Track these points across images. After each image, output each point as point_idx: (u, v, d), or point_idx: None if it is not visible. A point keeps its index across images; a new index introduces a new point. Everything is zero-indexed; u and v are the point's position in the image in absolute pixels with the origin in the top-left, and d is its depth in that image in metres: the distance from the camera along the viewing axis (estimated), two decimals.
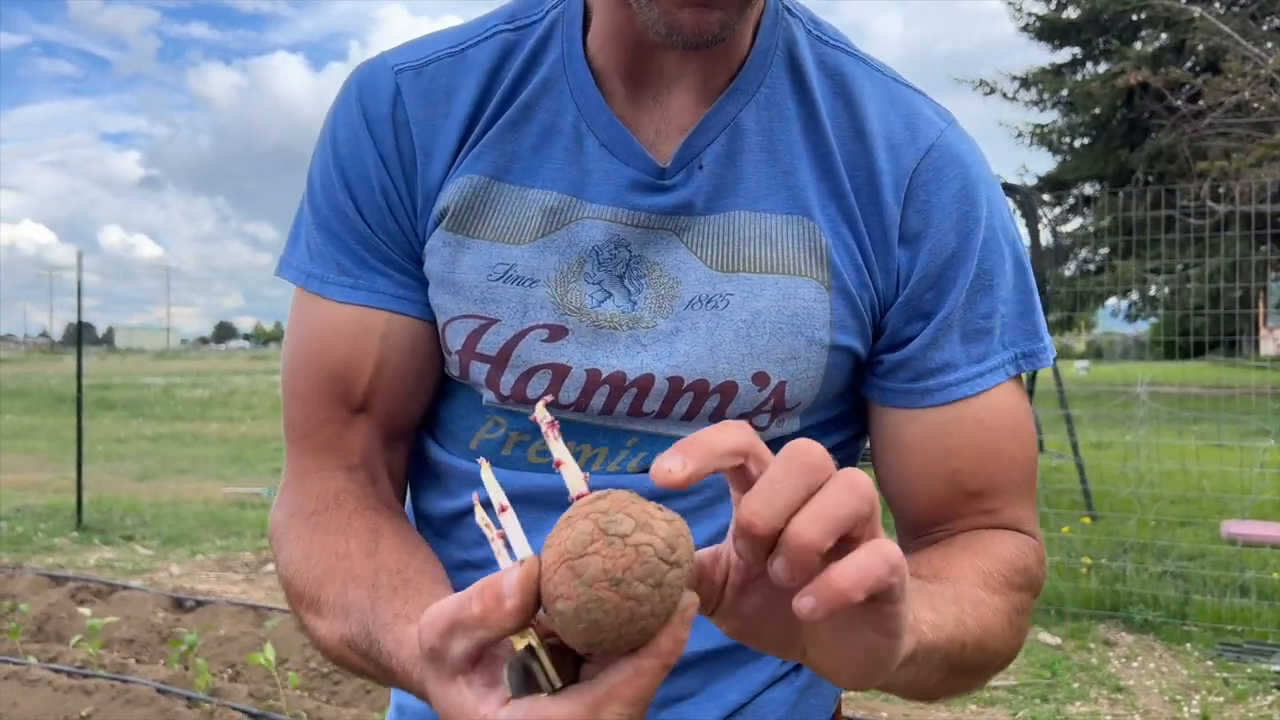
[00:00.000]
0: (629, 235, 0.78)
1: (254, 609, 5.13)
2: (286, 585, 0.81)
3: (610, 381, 0.78)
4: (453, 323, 0.81)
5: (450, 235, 0.80)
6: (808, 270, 0.78)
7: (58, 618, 5.13)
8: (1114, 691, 4.25)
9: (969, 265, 0.80)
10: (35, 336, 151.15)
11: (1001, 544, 0.81)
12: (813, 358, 0.79)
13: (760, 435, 0.79)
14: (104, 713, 3.74)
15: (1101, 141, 17.92)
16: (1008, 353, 0.82)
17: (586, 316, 0.78)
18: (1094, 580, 5.38)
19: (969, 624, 0.70)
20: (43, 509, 8.74)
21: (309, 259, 0.85)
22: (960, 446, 0.82)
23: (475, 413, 0.83)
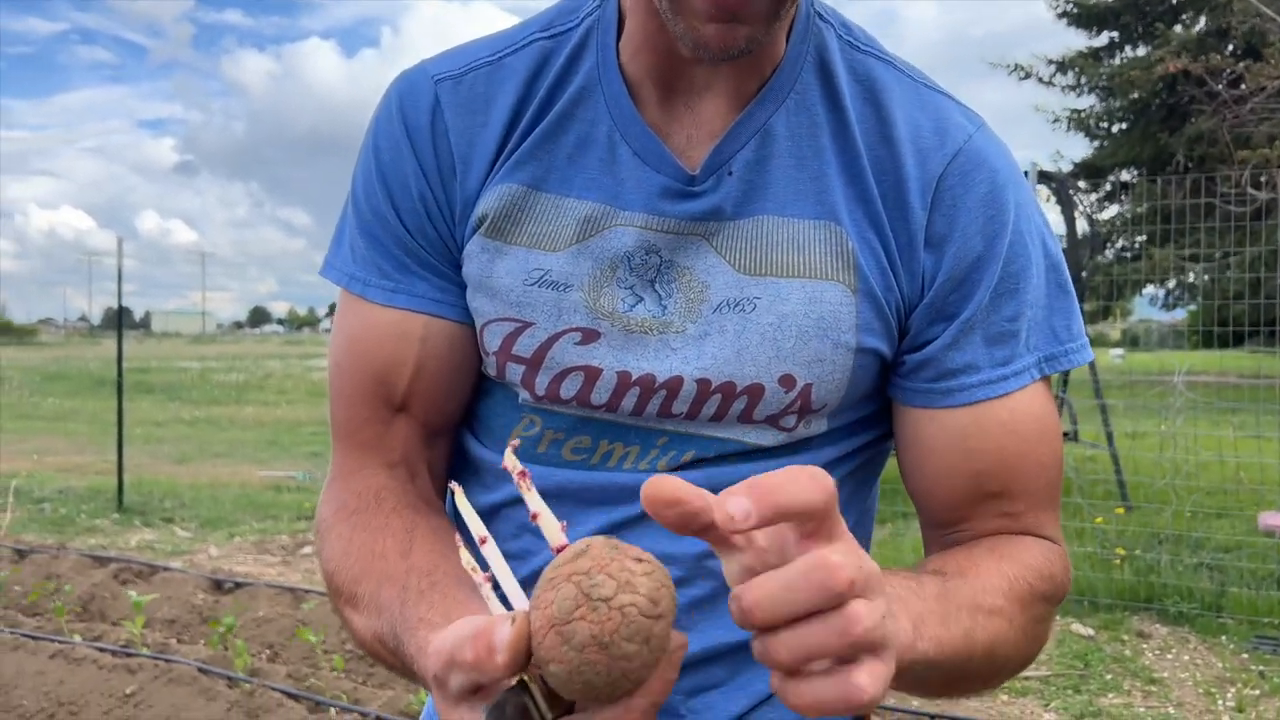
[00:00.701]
0: (660, 241, 0.80)
1: (291, 591, 5.22)
2: (328, 579, 0.85)
3: (640, 384, 0.80)
4: (490, 325, 0.83)
5: (488, 241, 0.83)
6: (834, 274, 0.80)
7: (101, 598, 5.25)
8: (1148, 683, 4.23)
9: (994, 268, 0.80)
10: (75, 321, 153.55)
11: (1028, 551, 0.82)
12: (839, 360, 0.80)
13: (788, 436, 0.81)
14: (147, 691, 3.83)
15: (1140, 126, 17.65)
16: (1033, 356, 0.83)
17: (618, 321, 0.80)
18: (1128, 571, 5.35)
19: (979, 636, 0.72)
20: (84, 491, 8.91)
21: (352, 261, 0.88)
22: (982, 449, 0.82)
23: (512, 411, 0.86)
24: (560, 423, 0.83)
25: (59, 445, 12.45)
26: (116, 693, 3.84)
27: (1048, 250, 0.85)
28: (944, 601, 0.69)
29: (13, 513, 7.96)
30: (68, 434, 13.77)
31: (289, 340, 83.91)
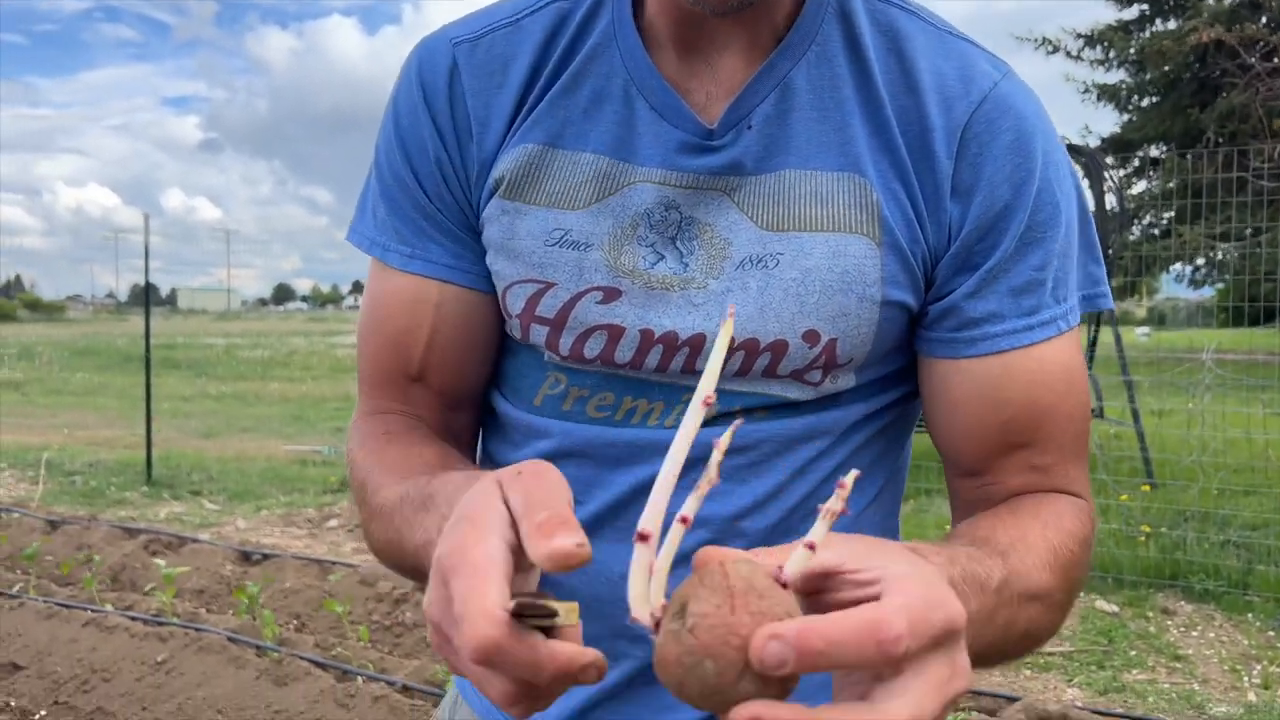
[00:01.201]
0: (679, 197, 0.80)
1: (318, 563, 5.28)
2: (355, 466, 0.86)
3: (663, 341, 0.80)
4: (512, 288, 0.83)
5: (507, 203, 0.82)
6: (858, 227, 0.78)
7: (132, 568, 5.33)
8: (1172, 660, 4.22)
9: (1020, 217, 0.79)
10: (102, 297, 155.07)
11: (1067, 514, 0.80)
12: (864, 314, 0.79)
13: (815, 391, 0.80)
14: (177, 659, 3.90)
15: (1170, 100, 17.36)
16: (1061, 307, 0.81)
17: (639, 278, 0.80)
18: (1153, 548, 5.32)
19: (1019, 626, 0.70)
20: (114, 464, 9.04)
21: (374, 226, 0.89)
22: (1009, 400, 0.81)
23: (537, 370, 0.86)
24: (585, 380, 0.83)
25: (88, 419, 12.61)
26: (148, 660, 3.91)
27: (1074, 200, 0.83)
28: (998, 596, 0.68)
29: (44, 485, 8.09)
30: (97, 408, 13.95)
31: (313, 317, 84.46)
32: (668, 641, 0.47)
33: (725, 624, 0.46)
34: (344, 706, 3.45)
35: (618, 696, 0.84)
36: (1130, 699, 3.81)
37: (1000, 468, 0.83)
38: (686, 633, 0.46)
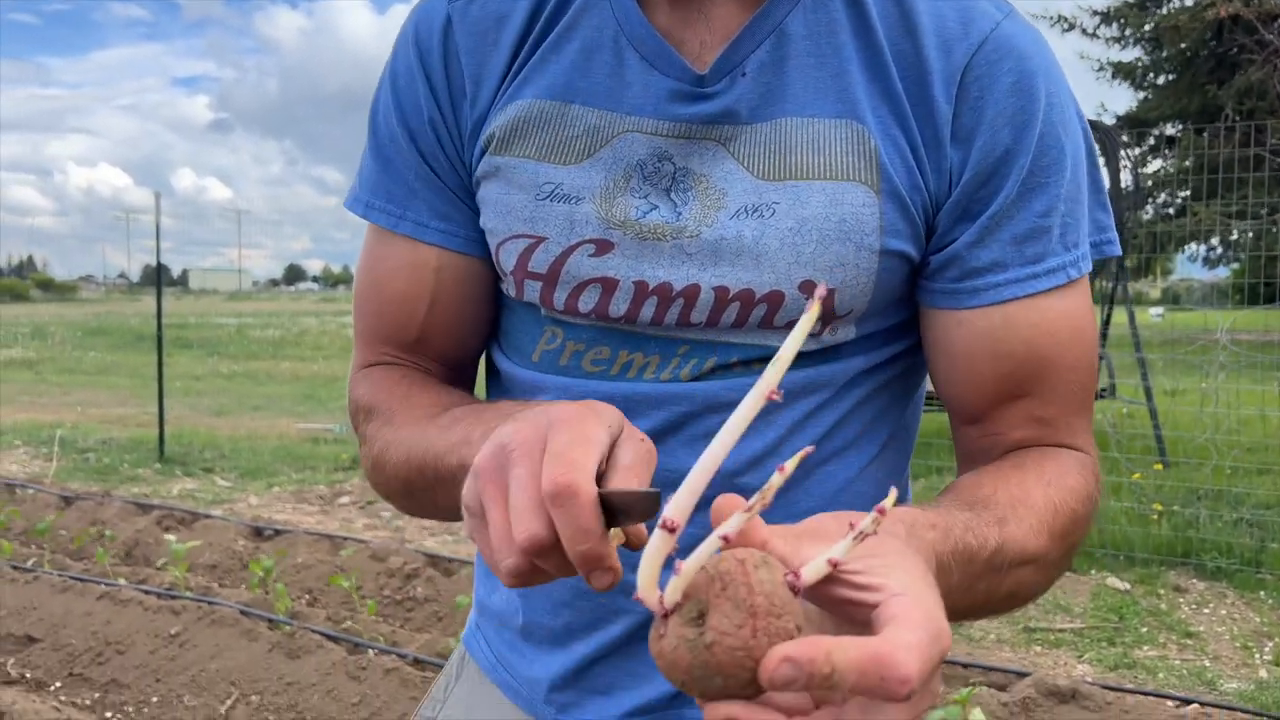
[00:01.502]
0: (671, 147, 0.78)
1: (330, 538, 5.30)
2: (368, 410, 0.87)
3: (658, 293, 0.78)
4: (505, 244, 0.82)
5: (498, 159, 0.82)
6: (856, 174, 0.76)
7: (145, 543, 5.37)
8: (1183, 637, 4.21)
9: (1022, 161, 0.76)
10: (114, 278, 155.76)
11: (1071, 472, 0.79)
12: (862, 264, 0.77)
13: (814, 343, 0.79)
14: (191, 632, 3.92)
15: (1187, 77, 17.19)
16: (1069, 255, 0.79)
17: (631, 229, 0.78)
18: (1165, 527, 5.30)
19: (1005, 586, 0.70)
20: (126, 441, 9.08)
21: (364, 187, 0.89)
22: (1011, 351, 0.79)
23: (534, 326, 0.85)
24: (581, 335, 0.82)
25: (101, 398, 12.68)
26: (161, 633, 3.94)
27: (1080, 144, 0.80)
28: (986, 565, 0.67)
29: (58, 461, 8.14)
30: (109, 387, 14.02)
31: (324, 298, 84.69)
32: (680, 645, 0.47)
33: (745, 647, 0.46)
34: (355, 679, 3.47)
35: (619, 651, 0.83)
36: (1141, 675, 3.80)
37: (1002, 419, 0.82)
38: (704, 647, 0.46)
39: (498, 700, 0.91)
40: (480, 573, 0.96)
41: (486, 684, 0.92)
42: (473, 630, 0.97)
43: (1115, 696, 3.24)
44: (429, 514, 0.84)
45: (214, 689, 3.57)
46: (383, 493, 0.86)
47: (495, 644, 0.92)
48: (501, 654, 0.91)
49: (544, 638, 0.87)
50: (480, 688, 0.93)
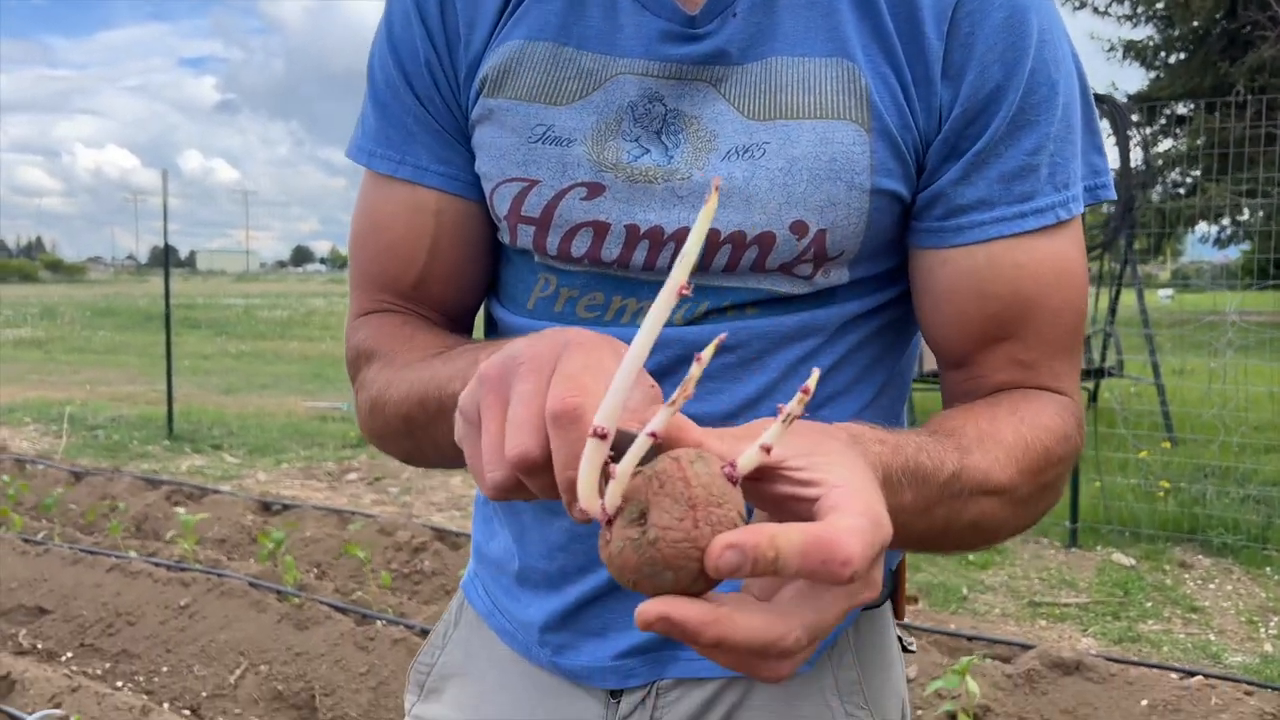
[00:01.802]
0: (662, 88, 0.78)
1: (338, 513, 5.33)
2: (368, 355, 0.87)
3: (649, 236, 0.78)
4: (499, 188, 0.82)
5: (491, 101, 0.82)
6: (846, 113, 0.76)
7: (154, 517, 5.40)
8: (1188, 611, 4.21)
9: (1011, 98, 0.75)
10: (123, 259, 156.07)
11: (1047, 411, 0.78)
12: (853, 203, 0.76)
13: (807, 285, 0.78)
14: (200, 603, 3.95)
15: (1199, 56, 17.05)
16: (1059, 195, 0.78)
17: (622, 171, 0.78)
18: (1171, 503, 5.30)
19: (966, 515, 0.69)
20: (136, 419, 9.13)
21: (364, 136, 0.89)
22: (995, 292, 0.78)
23: (529, 274, 0.85)
24: (574, 281, 0.82)
25: (110, 376, 12.73)
26: (171, 605, 3.97)
27: (1073, 83, 0.79)
28: (943, 489, 0.67)
29: (67, 438, 8.19)
30: (118, 366, 14.08)
31: (332, 279, 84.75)
32: (626, 548, 0.48)
33: (689, 538, 0.46)
34: (364, 649, 3.50)
35: (612, 594, 0.84)
36: (1145, 648, 3.82)
37: (984, 361, 0.81)
38: (648, 544, 0.47)
39: (495, 645, 0.92)
40: (479, 519, 0.97)
41: (484, 629, 0.93)
42: (470, 578, 0.97)
43: (1119, 668, 3.25)
44: (428, 456, 0.84)
45: (223, 659, 3.60)
46: (381, 437, 0.85)
47: (492, 590, 0.93)
48: (498, 599, 0.92)
49: (539, 581, 0.87)
50: (478, 633, 0.94)
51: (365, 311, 0.92)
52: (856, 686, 0.87)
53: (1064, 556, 4.97)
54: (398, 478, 6.76)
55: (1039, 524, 3.86)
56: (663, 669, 0.84)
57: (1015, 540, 5.22)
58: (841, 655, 0.87)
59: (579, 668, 0.85)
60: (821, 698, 0.85)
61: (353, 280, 0.93)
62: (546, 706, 0.88)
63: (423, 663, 0.97)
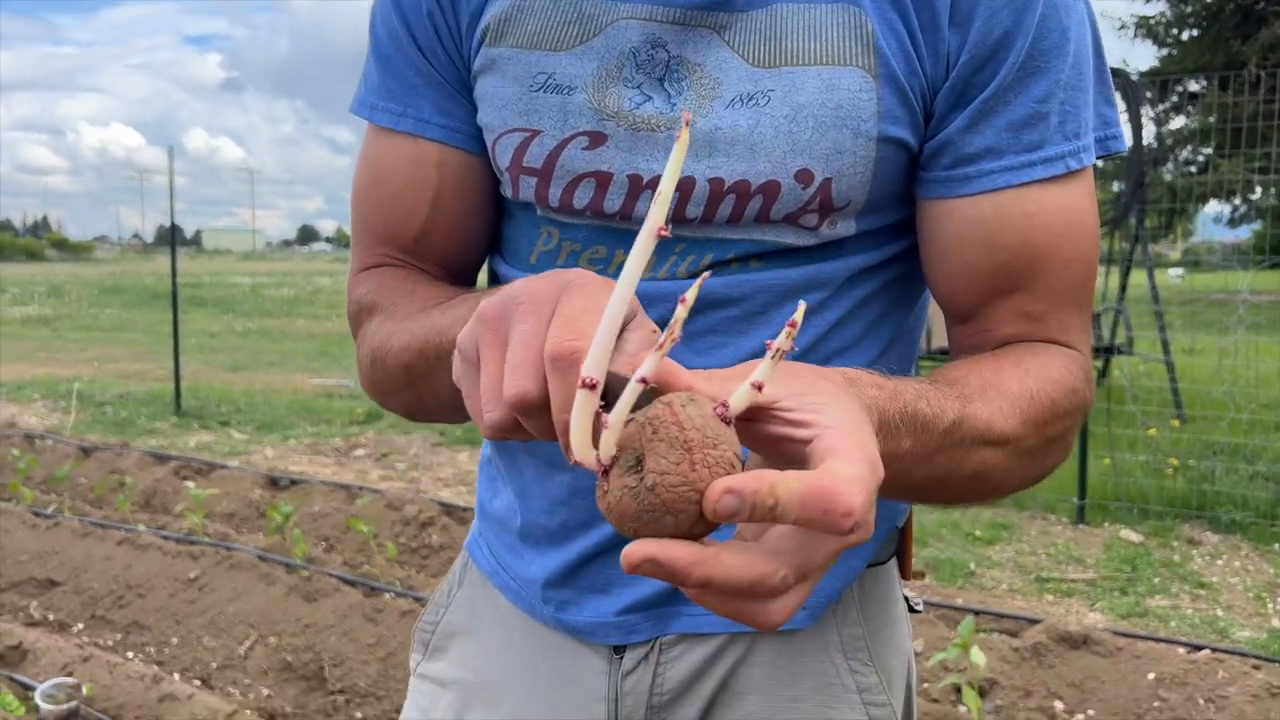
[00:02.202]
0: (666, 34, 0.77)
1: (345, 488, 5.35)
2: (370, 308, 0.86)
3: (652, 186, 0.77)
4: (500, 139, 0.81)
5: (493, 50, 0.81)
6: (852, 59, 0.74)
7: (163, 492, 5.43)
8: (1196, 587, 4.21)
9: (1020, 44, 0.74)
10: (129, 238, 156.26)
11: (1054, 364, 0.76)
12: (860, 151, 0.75)
13: (813, 237, 0.77)
14: (209, 576, 3.97)
15: (1212, 33, 16.87)
16: (1069, 145, 0.76)
17: (625, 120, 0.77)
18: (1180, 480, 5.29)
19: (967, 464, 0.68)
20: (143, 395, 9.16)
21: (370, 91, 0.88)
22: (1004, 243, 0.76)
23: (532, 229, 0.84)
24: (576, 234, 0.81)
25: (118, 353, 12.76)
26: (181, 577, 3.99)
27: (1085, 30, 0.77)
28: (943, 438, 0.65)
29: (76, 414, 8.22)
30: (126, 343, 14.11)
31: (337, 258, 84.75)
32: (625, 496, 0.47)
33: (687, 481, 0.46)
34: (372, 620, 3.52)
35: (615, 549, 0.83)
36: (1152, 623, 3.81)
37: (991, 314, 0.80)
38: (646, 490, 0.46)
39: (498, 603, 0.91)
40: (483, 478, 0.96)
41: (488, 588, 0.93)
42: (475, 537, 0.97)
43: (1126, 642, 3.25)
44: (429, 408, 0.82)
45: (232, 631, 3.62)
46: (382, 390, 0.84)
47: (495, 548, 0.93)
48: (501, 557, 0.92)
49: (541, 537, 0.87)
50: (482, 591, 0.94)
51: (367, 266, 0.91)
52: (861, 643, 0.86)
53: (1071, 533, 4.97)
54: (405, 454, 6.78)
55: (1045, 501, 3.88)
56: (666, 625, 0.83)
57: (1022, 516, 5.23)
58: (846, 611, 0.86)
59: (582, 624, 0.85)
60: (825, 654, 0.85)
61: (355, 235, 0.92)
62: (550, 663, 0.87)
63: (427, 621, 0.97)
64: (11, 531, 4.54)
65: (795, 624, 0.83)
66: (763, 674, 0.84)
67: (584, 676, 0.86)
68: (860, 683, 0.85)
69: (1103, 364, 7.54)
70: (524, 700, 0.88)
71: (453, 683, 0.93)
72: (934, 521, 5.11)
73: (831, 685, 0.85)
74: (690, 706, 0.84)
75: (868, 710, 0.85)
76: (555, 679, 0.87)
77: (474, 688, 0.92)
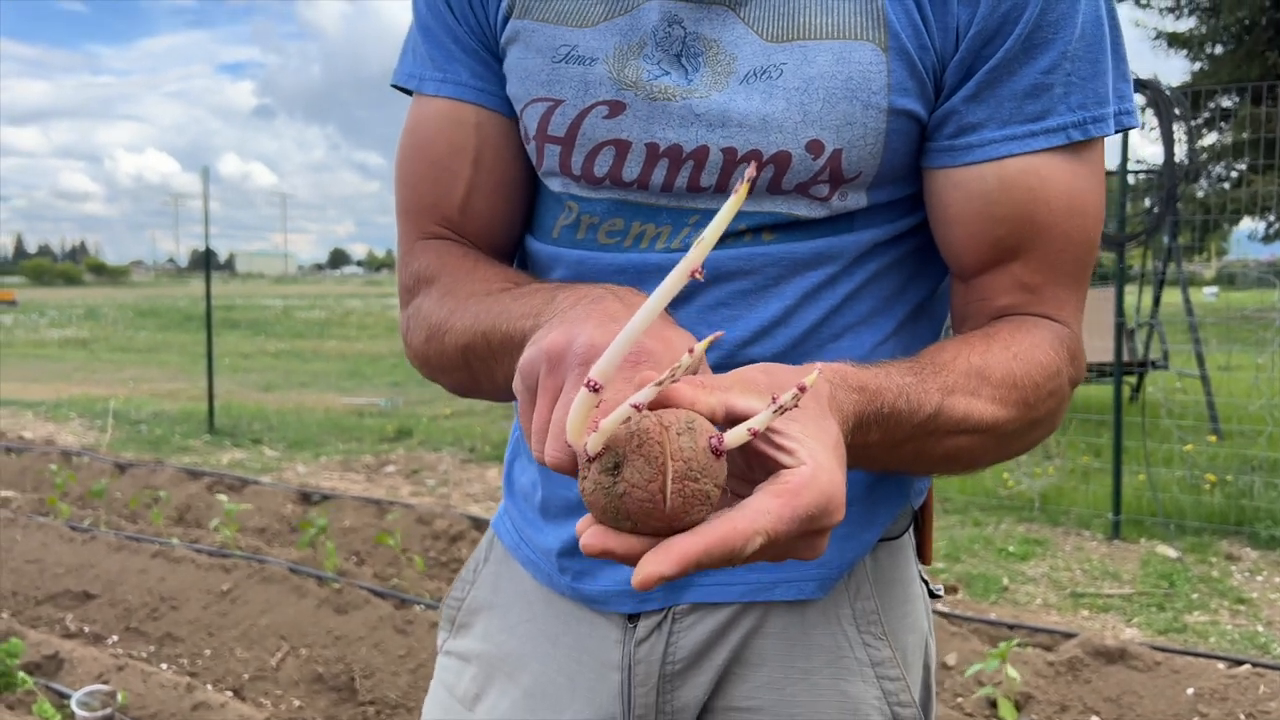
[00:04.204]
0: (684, 11, 0.79)
1: (376, 503, 5.37)
2: (429, 280, 0.88)
3: (669, 155, 0.79)
4: (527, 109, 0.84)
5: (519, 23, 0.84)
6: (863, 33, 0.76)
7: (197, 507, 5.48)
8: (1235, 603, 4.13)
9: (1028, 15, 0.75)
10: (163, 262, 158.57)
11: (1040, 345, 0.78)
12: (870, 123, 0.76)
13: (824, 208, 0.79)
14: (242, 589, 4.00)
15: (1245, 46, 16.72)
16: (1073, 115, 0.77)
17: (642, 90, 0.79)
18: (1218, 496, 5.20)
19: (938, 450, 0.73)
20: (177, 414, 9.27)
21: (412, 61, 0.92)
22: (1005, 214, 0.78)
23: (555, 204, 0.87)
24: (595, 208, 0.84)
25: (152, 374, 12.93)
26: (213, 590, 4.02)
27: (1101, 6, 0.78)
28: (918, 429, 0.69)
29: (112, 432, 8.33)
30: (160, 364, 14.30)
31: (368, 281, 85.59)
32: (597, 490, 0.52)
33: (652, 500, 0.51)
34: (402, 632, 3.52)
35: None
36: (1191, 639, 3.75)
37: (990, 282, 0.81)
38: (616, 496, 0.51)
39: (521, 577, 0.94)
40: (509, 455, 0.98)
41: (511, 563, 0.95)
42: (500, 514, 0.99)
43: (1164, 657, 3.19)
44: (481, 388, 0.84)
45: (264, 643, 3.64)
46: (432, 365, 0.86)
47: (518, 523, 0.95)
48: (523, 530, 0.94)
49: (559, 510, 0.89)
50: (506, 567, 0.96)
51: (420, 237, 0.92)
52: (875, 617, 0.87)
53: (1106, 548, 4.90)
54: (434, 470, 6.81)
55: (1080, 516, 3.86)
56: (678, 594, 0.85)
57: (1056, 532, 5.17)
58: (859, 585, 0.87)
59: (597, 592, 0.87)
60: (838, 626, 0.86)
61: (400, 207, 0.94)
62: (570, 633, 0.89)
63: (454, 598, 0.99)
64: (49, 545, 4.60)
65: (806, 594, 0.85)
66: (775, 645, 0.85)
67: (600, 646, 0.88)
68: (873, 656, 0.86)
69: (1137, 379, 7.45)
70: (543, 670, 0.90)
71: (476, 656, 0.95)
72: (966, 537, 5.06)
73: (844, 658, 0.85)
74: (703, 675, 0.85)
75: (880, 684, 0.86)
76: (573, 649, 0.89)
77: (496, 660, 0.94)
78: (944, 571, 4.54)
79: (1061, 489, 5.67)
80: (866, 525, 0.86)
